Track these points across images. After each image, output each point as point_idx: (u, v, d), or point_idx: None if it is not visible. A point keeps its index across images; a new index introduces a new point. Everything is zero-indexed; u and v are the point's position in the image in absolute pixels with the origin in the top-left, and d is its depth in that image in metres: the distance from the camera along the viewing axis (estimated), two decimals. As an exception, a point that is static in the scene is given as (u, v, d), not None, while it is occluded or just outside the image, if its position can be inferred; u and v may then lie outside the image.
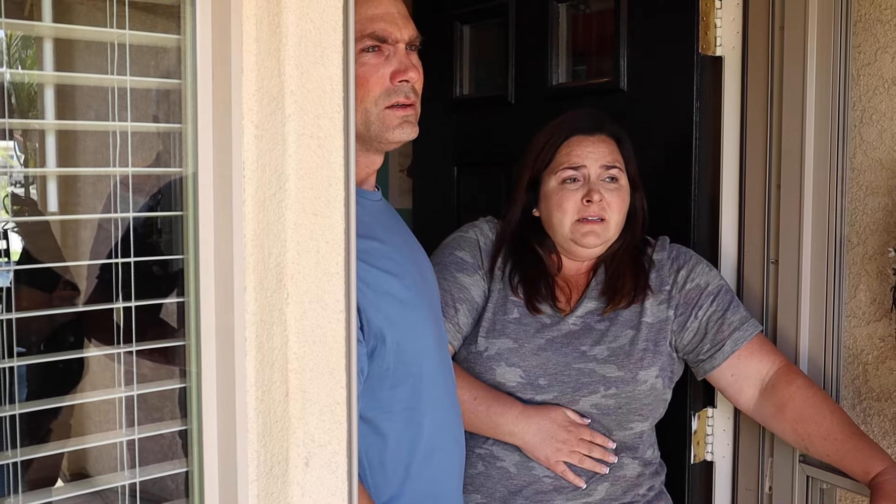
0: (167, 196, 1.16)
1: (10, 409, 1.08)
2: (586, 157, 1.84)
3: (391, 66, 1.43)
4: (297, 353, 1.13)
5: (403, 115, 1.45)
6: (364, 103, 1.42)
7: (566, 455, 1.79)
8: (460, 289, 1.85)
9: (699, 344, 1.88)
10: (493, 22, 2.75)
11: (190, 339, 1.14)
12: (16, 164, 1.27)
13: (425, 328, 1.54)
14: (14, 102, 1.16)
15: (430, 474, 1.51)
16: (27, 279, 1.23)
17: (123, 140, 1.12)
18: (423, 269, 1.64)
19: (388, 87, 1.43)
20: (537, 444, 1.79)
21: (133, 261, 1.14)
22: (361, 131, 1.43)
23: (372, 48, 1.42)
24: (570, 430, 1.79)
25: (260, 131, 1.10)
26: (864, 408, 1.96)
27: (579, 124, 1.87)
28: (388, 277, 1.46)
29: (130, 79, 1.11)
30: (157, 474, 1.17)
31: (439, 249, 1.93)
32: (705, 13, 2.13)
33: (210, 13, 1.09)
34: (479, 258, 1.90)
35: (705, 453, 2.21)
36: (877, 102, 1.90)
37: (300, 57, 1.11)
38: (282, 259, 1.12)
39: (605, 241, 1.86)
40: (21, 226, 1.34)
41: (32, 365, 1.13)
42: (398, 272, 1.49)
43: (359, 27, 1.38)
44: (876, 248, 1.92)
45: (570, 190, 1.83)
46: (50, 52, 1.21)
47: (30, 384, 1.26)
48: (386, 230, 1.54)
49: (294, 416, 1.14)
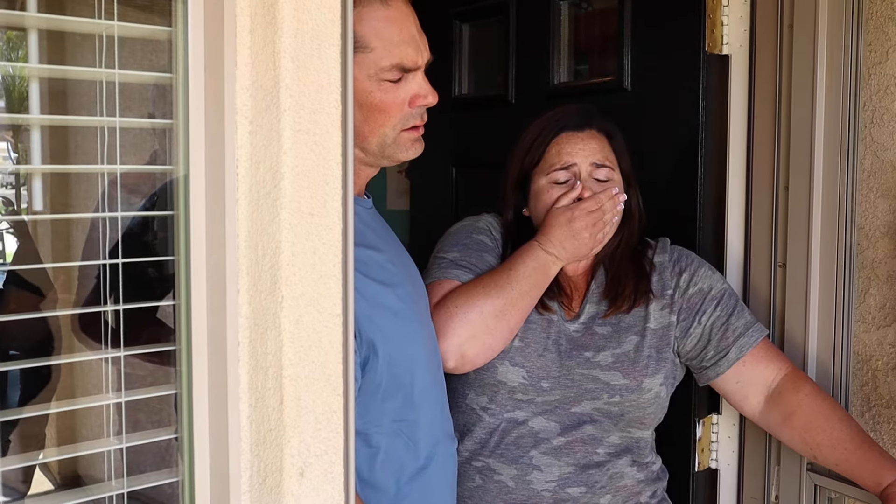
0: (157, 195, 1.12)
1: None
2: (576, 154, 1.80)
3: (410, 90, 1.44)
4: (292, 359, 1.10)
5: (417, 135, 1.47)
6: (383, 128, 1.43)
7: (600, 234, 1.76)
8: (488, 266, 1.81)
9: (703, 350, 1.84)
10: (493, 20, 2.72)
11: (181, 343, 1.10)
12: (9, 165, 1.24)
13: (417, 340, 1.52)
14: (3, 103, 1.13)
15: (422, 488, 1.48)
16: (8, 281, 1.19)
17: (112, 136, 1.08)
18: (414, 277, 1.62)
19: (407, 112, 1.44)
20: (574, 251, 1.76)
21: (121, 262, 1.10)
22: (375, 152, 1.45)
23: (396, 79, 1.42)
24: (578, 216, 1.74)
25: (254, 127, 1.06)
26: (873, 415, 1.92)
27: (567, 121, 1.82)
28: (382, 288, 1.44)
29: (119, 72, 1.07)
30: (147, 484, 1.13)
31: (451, 236, 1.87)
32: (712, 11, 2.10)
33: (202, 4, 1.05)
34: (497, 244, 1.86)
35: (710, 461, 2.17)
36: (888, 102, 1.87)
37: (296, 50, 1.07)
38: (276, 261, 1.08)
39: (600, 241, 1.81)
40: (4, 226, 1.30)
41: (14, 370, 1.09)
42: (392, 282, 1.47)
43: (383, 52, 1.39)
44: (886, 252, 1.88)
45: (561, 189, 1.79)
46: (35, 44, 1.16)
47: (9, 390, 1.22)
48: (379, 238, 1.52)
49: (289, 425, 1.11)
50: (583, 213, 1.74)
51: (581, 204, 1.75)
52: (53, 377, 1.30)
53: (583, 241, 1.75)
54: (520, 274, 1.73)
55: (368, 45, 1.38)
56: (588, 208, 1.74)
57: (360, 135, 1.42)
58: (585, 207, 1.74)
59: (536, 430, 1.78)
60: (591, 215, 1.74)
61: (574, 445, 1.78)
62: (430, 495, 1.52)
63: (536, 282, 1.74)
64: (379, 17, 1.39)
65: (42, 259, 1.45)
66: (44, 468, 1.39)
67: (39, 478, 1.41)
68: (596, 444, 1.78)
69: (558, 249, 1.74)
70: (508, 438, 1.79)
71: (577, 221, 1.74)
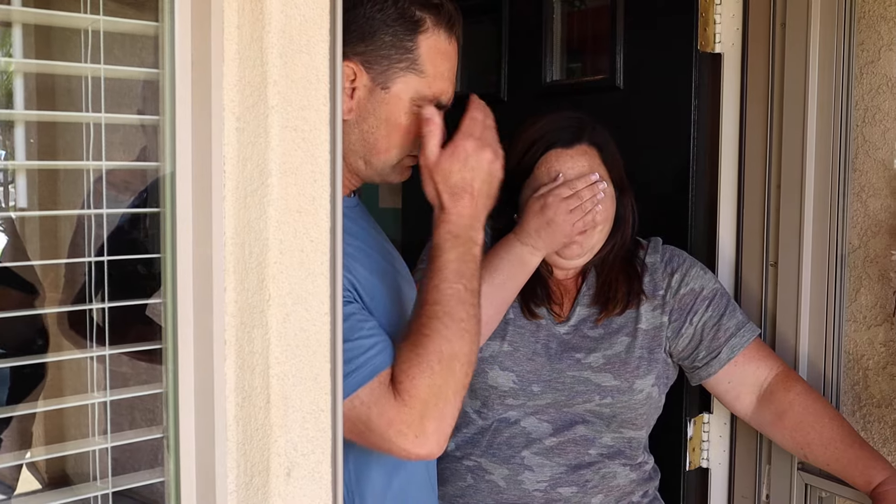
0: (144, 192, 1.11)
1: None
2: (565, 173, 1.75)
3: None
4: (279, 358, 1.09)
5: (413, 163, 1.47)
6: (397, 149, 1.43)
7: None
8: None
9: (694, 350, 1.84)
10: (485, 18, 2.70)
11: (167, 342, 1.08)
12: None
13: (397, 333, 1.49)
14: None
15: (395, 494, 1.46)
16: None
17: (97, 133, 1.07)
18: (402, 272, 1.58)
19: (417, 142, 1.44)
20: (550, 239, 1.71)
21: (107, 260, 1.08)
22: (376, 168, 1.45)
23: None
24: (551, 203, 1.70)
25: (241, 124, 1.05)
26: (864, 414, 1.92)
27: (557, 137, 1.77)
28: (370, 274, 1.42)
29: (105, 67, 1.06)
30: (132, 484, 1.12)
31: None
32: (704, 9, 2.09)
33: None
34: (487, 249, 1.84)
35: (701, 460, 2.17)
36: (880, 101, 1.86)
37: (284, 45, 1.06)
38: (263, 258, 1.07)
39: (589, 251, 1.80)
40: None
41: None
42: (379, 272, 1.45)
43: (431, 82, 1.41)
44: (878, 251, 1.88)
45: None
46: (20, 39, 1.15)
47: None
48: (368, 235, 1.50)
49: (276, 424, 1.09)
50: (556, 199, 1.70)
51: (554, 190, 1.71)
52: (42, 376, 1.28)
53: (558, 229, 1.70)
54: (493, 266, 1.70)
55: (423, 71, 1.40)
56: (561, 194, 1.70)
57: (374, 149, 1.42)
58: (559, 194, 1.70)
59: (528, 431, 1.77)
60: (566, 202, 1.70)
61: (566, 446, 1.77)
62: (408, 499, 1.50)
63: (512, 274, 1.71)
64: (440, 48, 1.41)
65: (30, 257, 1.44)
66: (31, 467, 1.38)
67: (27, 476, 1.40)
68: (588, 445, 1.78)
69: (534, 239, 1.71)
70: (500, 438, 1.78)
71: (550, 209, 1.70)
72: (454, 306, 1.33)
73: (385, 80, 1.38)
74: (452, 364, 1.31)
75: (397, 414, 1.28)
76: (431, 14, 1.40)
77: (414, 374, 1.29)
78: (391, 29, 1.37)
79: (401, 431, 1.28)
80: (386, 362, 1.31)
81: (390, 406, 1.28)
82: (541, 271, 1.83)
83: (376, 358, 1.30)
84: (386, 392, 1.28)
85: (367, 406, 1.28)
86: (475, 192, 1.39)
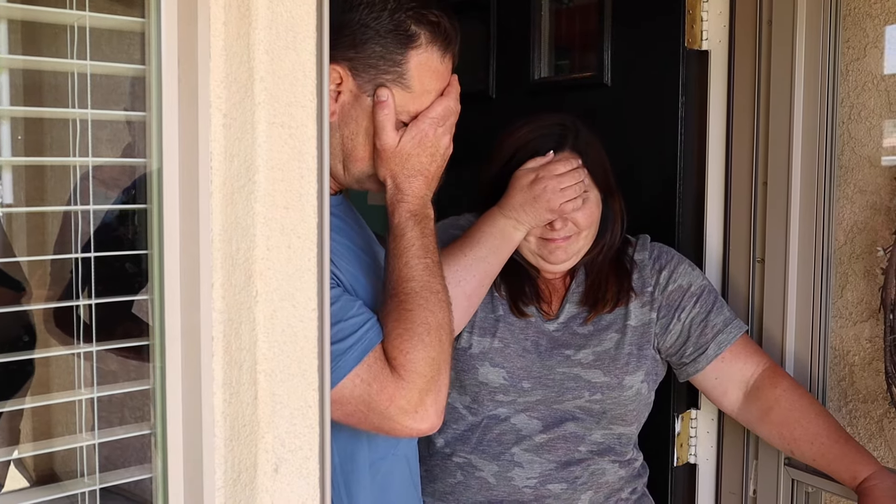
0: (130, 188, 1.11)
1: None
2: None
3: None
4: (267, 355, 1.08)
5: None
6: (374, 159, 1.41)
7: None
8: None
9: (682, 347, 1.84)
10: (473, 15, 2.70)
11: (154, 338, 1.08)
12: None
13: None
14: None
15: (378, 487, 1.46)
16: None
17: (84, 129, 1.07)
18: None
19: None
20: (535, 214, 1.69)
21: (93, 256, 1.08)
22: (354, 175, 1.44)
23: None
24: (543, 176, 1.69)
25: (228, 120, 1.05)
26: (850, 409, 1.93)
27: (541, 144, 1.76)
28: (357, 271, 1.42)
29: (91, 63, 1.06)
30: (120, 480, 1.12)
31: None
32: (691, 7, 2.10)
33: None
34: None
35: (688, 456, 2.18)
36: (865, 99, 1.87)
37: (271, 41, 1.06)
38: (251, 255, 1.07)
39: (575, 254, 1.79)
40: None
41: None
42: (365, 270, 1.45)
43: (416, 98, 1.39)
44: (863, 248, 1.89)
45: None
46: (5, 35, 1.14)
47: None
48: (354, 232, 1.50)
49: (263, 420, 1.09)
50: (549, 173, 1.69)
51: (548, 165, 1.70)
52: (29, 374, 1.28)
53: (545, 204, 1.68)
54: (475, 240, 1.69)
55: (410, 86, 1.38)
56: (555, 170, 1.69)
57: (351, 156, 1.41)
58: (552, 169, 1.69)
59: (518, 427, 1.77)
60: (559, 179, 1.69)
61: (556, 443, 1.77)
62: (389, 492, 1.50)
63: (494, 247, 1.70)
64: (431, 66, 1.39)
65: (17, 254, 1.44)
66: (18, 464, 1.38)
67: (14, 474, 1.40)
68: (578, 442, 1.78)
69: (518, 213, 1.70)
70: (490, 435, 1.78)
71: (541, 183, 1.68)
72: (429, 279, 1.36)
73: (371, 88, 1.37)
74: (441, 334, 1.33)
75: (396, 389, 1.29)
76: (427, 31, 1.37)
77: (407, 349, 1.30)
78: (383, 39, 1.35)
79: (402, 408, 1.29)
80: (378, 337, 1.32)
81: (389, 381, 1.30)
82: (529, 270, 1.83)
83: (369, 333, 1.31)
84: (383, 367, 1.30)
85: (368, 383, 1.29)
86: (430, 175, 1.42)
